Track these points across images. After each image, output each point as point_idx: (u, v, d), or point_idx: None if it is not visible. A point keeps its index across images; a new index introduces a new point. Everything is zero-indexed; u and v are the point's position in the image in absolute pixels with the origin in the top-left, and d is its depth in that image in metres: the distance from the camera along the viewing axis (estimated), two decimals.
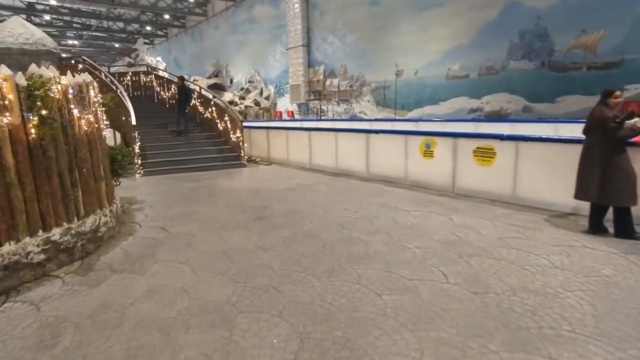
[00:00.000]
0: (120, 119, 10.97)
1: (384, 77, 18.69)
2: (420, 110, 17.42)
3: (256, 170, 10.45)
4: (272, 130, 11.50)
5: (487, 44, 14.52)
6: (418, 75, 17.24)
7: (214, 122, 12.19)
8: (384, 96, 19.02)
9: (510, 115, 14.13)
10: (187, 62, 33.88)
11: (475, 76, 15.11)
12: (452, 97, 15.97)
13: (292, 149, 10.80)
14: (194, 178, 9.49)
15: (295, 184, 8.46)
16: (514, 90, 13.96)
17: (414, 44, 17.16)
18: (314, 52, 22.36)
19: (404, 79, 17.92)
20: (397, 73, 18.27)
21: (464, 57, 15.34)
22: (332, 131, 9.36)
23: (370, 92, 19.49)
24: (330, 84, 21.44)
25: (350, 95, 20.64)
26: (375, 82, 19.10)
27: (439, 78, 16.31)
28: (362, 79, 19.80)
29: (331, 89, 21.43)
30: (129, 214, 6.55)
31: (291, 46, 22.62)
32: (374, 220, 5.71)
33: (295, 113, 23.55)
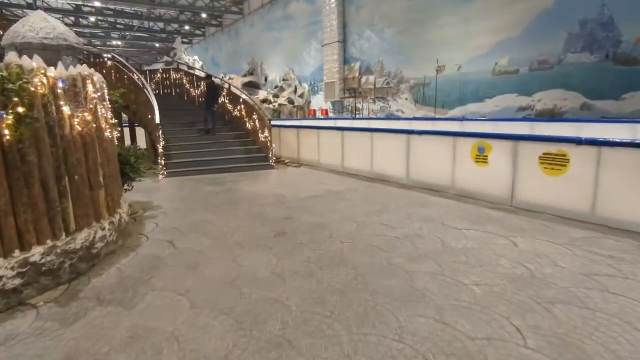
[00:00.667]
0: (147, 118, 10.36)
1: (423, 73, 17.43)
2: (462, 109, 16.08)
3: (284, 173, 9.56)
4: (303, 129, 10.58)
5: (540, 35, 13.00)
6: (461, 71, 15.89)
7: (243, 121, 11.40)
8: (423, 94, 17.75)
9: (567, 114, 12.60)
10: (223, 60, 33.61)
11: (526, 71, 13.63)
12: (499, 94, 14.55)
13: (324, 151, 9.84)
14: (218, 181, 8.70)
15: (325, 190, 7.48)
16: (571, 86, 12.41)
17: (457, 38, 15.80)
18: (349, 49, 21.30)
19: (445, 75, 16.60)
20: (438, 69, 16.95)
21: (513, 51, 13.87)
22: (368, 131, 8.32)
23: (408, 90, 18.26)
24: (366, 81, 20.33)
25: (387, 93, 19.46)
26: (414, 79, 17.85)
27: (484, 74, 14.91)
28: (400, 75, 18.59)
29: (367, 87, 20.32)
30: (140, 223, 5.79)
31: (326, 43, 21.66)
32: (417, 241, 4.64)
33: (330, 111, 22.59)
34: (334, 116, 22.17)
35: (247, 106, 11.19)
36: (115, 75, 10.96)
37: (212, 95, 10.97)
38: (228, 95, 11.94)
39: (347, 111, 21.69)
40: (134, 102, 10.67)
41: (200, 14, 30.95)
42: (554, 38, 12.68)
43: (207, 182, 8.58)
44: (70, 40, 8.46)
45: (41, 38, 8.15)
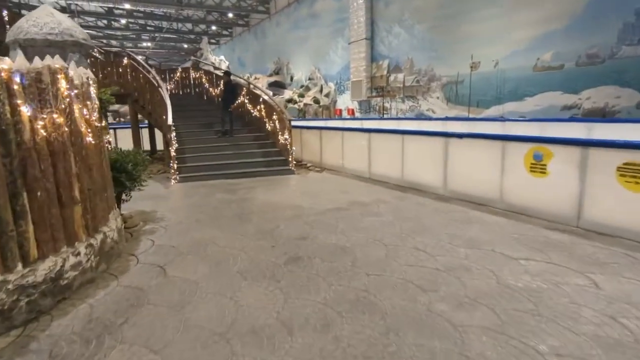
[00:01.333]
0: (161, 118, 9.63)
1: (456, 70, 16.15)
2: (499, 108, 14.75)
3: (304, 179, 8.62)
4: (326, 131, 9.61)
5: (590, 26, 11.57)
6: (498, 67, 14.56)
7: (262, 122, 10.54)
8: (455, 92, 16.47)
9: (619, 113, 11.16)
10: (249, 60, 33.04)
11: (572, 66, 12.21)
12: (540, 91, 13.17)
13: (348, 154, 8.84)
14: (232, 187, 7.85)
15: (349, 201, 6.48)
16: (625, 83, 10.95)
17: (493, 32, 14.48)
18: (377, 46, 20.18)
19: (480, 72, 15.28)
20: (472, 66, 15.63)
21: (558, 45, 12.47)
22: (398, 133, 7.26)
23: (440, 88, 17.00)
24: (395, 79, 19.16)
25: (416, 92, 18.25)
26: (446, 76, 16.59)
27: (524, 70, 13.55)
28: (431, 73, 17.35)
29: (395, 85, 19.15)
30: (135, 239, 4.97)
31: (353, 40, 20.60)
32: (464, 275, 3.60)
33: (356, 111, 21.53)
34: (360, 116, 21.11)
35: (266, 106, 10.32)
36: (131, 74, 10.32)
37: (230, 95, 10.17)
38: (247, 95, 11.12)
39: (374, 111, 20.59)
40: (149, 101, 9.99)
41: (226, 14, 30.45)
42: (606, 29, 11.23)
43: (221, 189, 7.74)
44: (76, 36, 7.79)
45: (45, 33, 7.50)
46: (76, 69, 4.01)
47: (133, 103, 10.41)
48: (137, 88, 10.28)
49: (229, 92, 10.13)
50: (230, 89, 10.20)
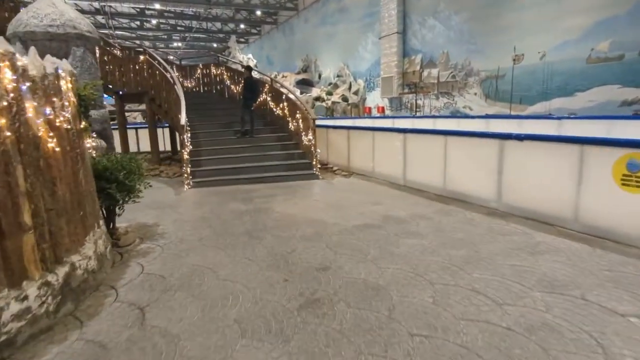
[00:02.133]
0: (177, 118, 8.80)
1: (496, 64, 14.70)
2: (545, 105, 13.25)
3: (329, 186, 7.56)
4: (354, 131, 8.50)
5: None
6: (545, 59, 13.04)
7: (285, 121, 9.57)
8: (495, 87, 15.02)
9: None
10: (278, 58, 32.26)
11: (634, 56, 10.62)
12: (594, 85, 11.62)
13: (380, 157, 7.71)
14: (248, 194, 6.90)
15: (382, 215, 5.37)
16: None
17: (540, 21, 12.96)
18: (410, 40, 18.85)
19: (524, 65, 13.80)
20: (515, 58, 14.14)
21: (617, 32, 10.89)
22: (440, 135, 6.07)
23: (478, 83, 15.57)
24: (429, 74, 17.81)
25: (452, 88, 16.85)
26: (485, 70, 15.15)
27: (575, 62, 12.02)
28: (469, 67, 15.92)
29: (429, 81, 17.80)
30: (123, 264, 4.06)
31: (384, 34, 19.36)
32: (550, 341, 2.44)
33: (386, 109, 20.28)
34: (390, 114, 19.85)
35: (290, 104, 9.33)
36: (147, 71, 9.57)
37: (250, 92, 9.24)
38: (270, 92, 10.16)
39: (405, 108, 19.30)
40: (165, 100, 9.20)
41: (255, 12, 29.74)
42: None
43: (236, 197, 6.80)
44: (80, 28, 7.02)
45: (45, 25, 6.75)
46: (35, 56, 3.10)
47: (150, 102, 9.66)
48: (153, 86, 9.52)
49: (250, 89, 9.22)
50: (250, 86, 9.28)
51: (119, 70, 9.96)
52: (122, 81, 10.01)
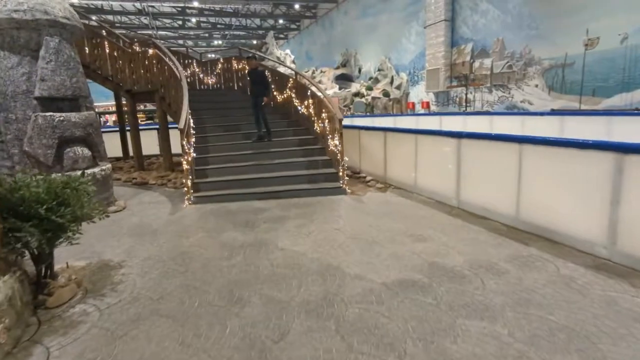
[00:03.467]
0: None
1: (563, 50, 12.29)
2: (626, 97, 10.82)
3: (357, 205, 5.79)
4: (393, 133, 6.69)
5: None
6: (627, 43, 10.58)
7: (310, 121, 7.94)
8: (562, 78, 12.60)
9: None
10: (317, 53, 30.67)
11: None
12: None
13: (425, 167, 5.91)
14: (254, 216, 5.34)
15: (428, 262, 3.60)
16: None
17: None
18: (459, 27, 16.61)
19: (599, 50, 11.36)
20: (587, 43, 11.68)
21: None
22: (512, 141, 4.16)
23: (539, 74, 13.19)
24: (480, 65, 15.54)
25: (508, 79, 14.51)
26: (549, 59, 12.76)
27: None
28: (528, 56, 13.56)
29: (481, 73, 15.52)
30: (32, 344, 2.64)
31: (430, 23, 17.22)
32: None
33: (432, 104, 18.14)
34: (437, 110, 17.71)
35: (315, 100, 7.71)
36: (157, 66, 8.30)
37: (259, 85, 7.63)
38: (294, 87, 8.57)
39: (453, 103, 17.10)
40: (173, 99, 7.87)
41: (293, 6, 28.29)
42: None
43: (239, 219, 5.27)
44: (53, 14, 5.64)
45: (9, 11, 5.43)
46: None
47: (160, 100, 8.38)
48: (162, 83, 8.23)
49: (259, 83, 7.63)
50: (258, 78, 7.68)
51: (129, 67, 8.77)
52: (132, 78, 8.82)
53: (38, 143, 5.35)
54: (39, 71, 5.35)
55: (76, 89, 5.63)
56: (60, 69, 5.44)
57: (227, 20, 32.49)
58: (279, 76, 9.18)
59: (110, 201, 6.13)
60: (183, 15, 30.09)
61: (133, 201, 6.63)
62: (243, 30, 34.15)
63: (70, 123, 5.55)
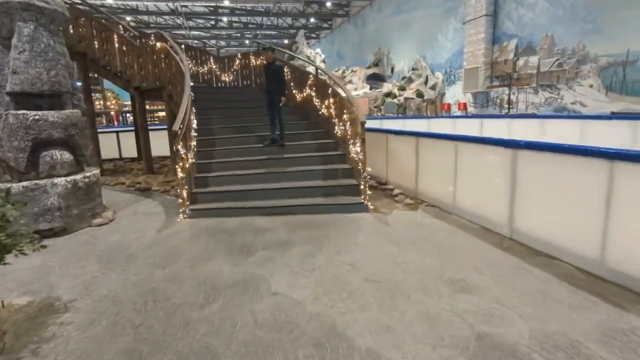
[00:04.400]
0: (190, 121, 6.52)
1: (624, 46, 10.65)
2: None
3: (381, 228, 4.55)
4: (427, 139, 5.46)
5: None
6: None
7: (331, 124, 6.86)
8: (623, 77, 10.92)
9: None
10: (348, 52, 29.50)
11: None
12: None
13: (467, 182, 4.68)
14: (253, 238, 4.30)
15: (475, 333, 2.42)
16: None
17: None
18: (502, 23, 15.04)
19: None
20: None
21: None
22: (603, 157, 2.92)
23: (595, 72, 11.53)
24: (525, 63, 13.95)
25: (557, 79, 12.88)
26: (607, 55, 11.11)
27: None
28: (582, 52, 11.91)
29: (525, 71, 13.92)
30: None
31: (470, 18, 15.72)
32: None
33: (469, 105, 16.62)
34: (475, 112, 16.18)
35: (337, 100, 6.62)
36: (165, 61, 7.48)
37: (275, 82, 6.60)
38: (314, 85, 7.51)
39: (493, 105, 15.54)
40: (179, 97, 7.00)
41: (325, 4, 27.26)
42: None
43: (234, 242, 4.27)
44: None
45: None
46: None
47: (168, 99, 7.56)
48: (169, 79, 7.39)
49: (274, 79, 6.60)
50: (274, 74, 6.62)
51: (138, 62, 8.00)
52: (140, 74, 8.05)
53: (8, 146, 4.56)
54: (10, 62, 4.56)
55: (55, 83, 4.80)
56: (36, 60, 4.63)
57: (259, 19, 31.91)
58: (298, 73, 8.13)
59: (96, 212, 5.28)
60: (215, 14, 29.72)
61: (125, 211, 5.78)
62: (274, 29, 33.50)
63: (48, 123, 4.73)
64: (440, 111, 18.24)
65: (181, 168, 5.23)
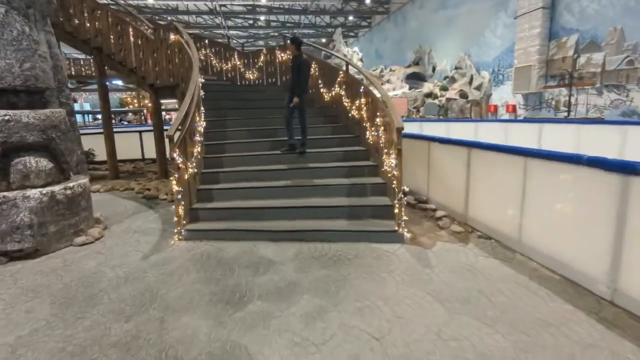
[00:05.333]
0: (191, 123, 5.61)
1: None
2: None
3: (419, 273, 3.29)
4: (483, 152, 4.23)
5: None
6: None
7: (362, 128, 5.73)
8: None
9: None
10: (387, 51, 28.05)
11: None
12: None
13: (542, 213, 3.40)
14: (249, 281, 3.23)
15: None
16: None
17: None
18: (560, 16, 13.27)
19: None
20: None
21: None
22: None
23: None
24: (587, 61, 12.15)
25: (626, 78, 11.06)
26: None
27: None
28: None
29: (587, 70, 12.12)
30: None
31: (523, 12, 14.04)
32: None
33: (519, 107, 14.91)
34: (526, 114, 14.46)
35: (369, 100, 5.49)
36: (178, 56, 6.66)
37: (298, 79, 5.51)
38: (344, 83, 6.39)
39: (547, 107, 13.77)
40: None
41: (364, 1, 26.01)
42: None
43: (225, 285, 3.25)
44: None
45: None
46: None
47: (181, 97, 6.71)
48: (182, 75, 6.55)
49: (295, 74, 5.47)
50: (295, 69, 5.47)
51: (152, 57, 7.23)
52: (155, 71, 7.28)
53: None
54: None
55: (30, 77, 3.99)
56: (6, 49, 3.83)
57: (297, 18, 31.13)
58: (326, 69, 7.04)
59: (80, 229, 4.45)
60: (253, 13, 29.22)
61: (118, 227, 4.94)
62: (312, 28, 32.63)
63: (21, 124, 3.92)
64: (485, 113, 16.58)
65: (177, 180, 4.29)
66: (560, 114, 13.05)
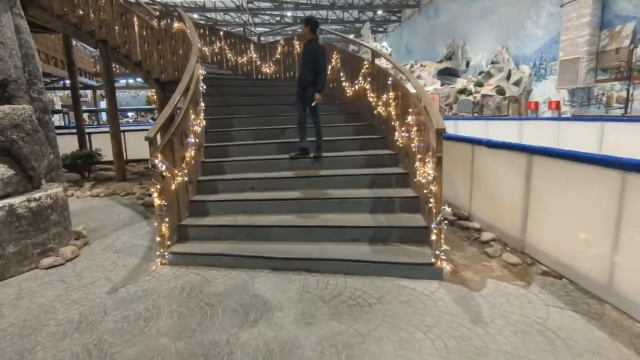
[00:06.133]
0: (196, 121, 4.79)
1: None
2: None
3: (467, 335, 2.27)
4: (551, 161, 3.18)
5: None
6: None
7: (390, 127, 4.74)
8: None
9: None
10: (417, 46, 26.66)
11: None
12: None
13: (639, 241, 2.39)
14: (233, 335, 2.35)
15: None
16: None
17: None
18: (615, 2, 11.71)
19: None
20: None
21: None
22: None
23: None
24: None
25: None
26: None
27: None
28: None
29: None
30: None
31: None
32: None
33: (563, 104, 13.38)
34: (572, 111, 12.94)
35: (398, 94, 4.49)
36: (182, 47, 5.88)
37: (309, 73, 4.52)
38: (368, 75, 5.39)
39: (596, 103, 12.22)
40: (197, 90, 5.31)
41: None
42: None
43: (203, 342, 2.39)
44: None
45: None
46: None
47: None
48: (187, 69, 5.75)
49: (308, 63, 4.51)
50: (309, 56, 4.53)
51: (157, 49, 6.49)
52: (160, 64, 6.54)
53: None
54: None
55: None
56: None
57: (324, 13, 30.12)
58: (348, 58, 6.04)
59: (49, 248, 3.70)
60: (280, 10, 28.48)
61: (99, 243, 4.18)
62: (339, 24, 31.55)
63: None
64: (525, 111, 15.08)
65: (159, 192, 3.46)
66: (612, 111, 11.52)
